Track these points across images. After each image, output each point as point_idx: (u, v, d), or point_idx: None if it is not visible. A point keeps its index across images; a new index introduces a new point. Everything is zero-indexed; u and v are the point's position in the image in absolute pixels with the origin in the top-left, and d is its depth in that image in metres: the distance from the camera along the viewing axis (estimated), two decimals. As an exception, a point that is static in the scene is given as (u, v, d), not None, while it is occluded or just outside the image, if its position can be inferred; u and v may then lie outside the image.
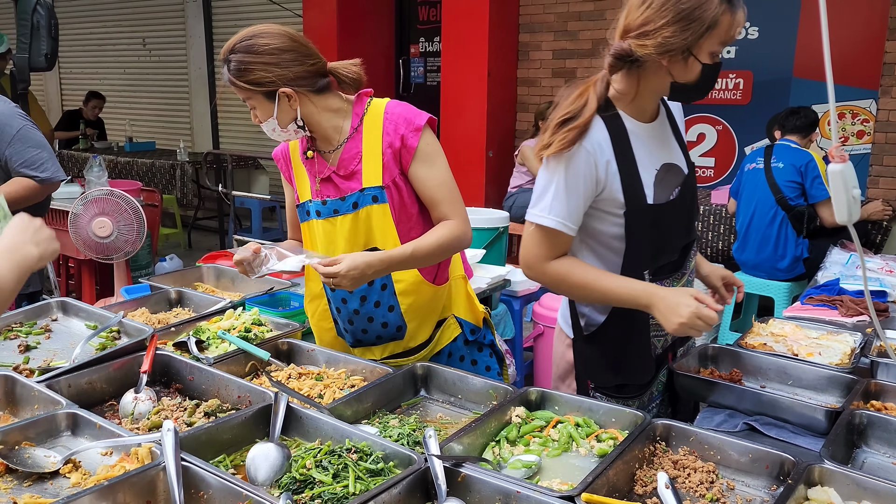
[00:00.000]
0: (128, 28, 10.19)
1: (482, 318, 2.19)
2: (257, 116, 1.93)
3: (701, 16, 1.63)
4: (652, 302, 1.70)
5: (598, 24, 6.39)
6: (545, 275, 1.83)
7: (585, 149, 1.74)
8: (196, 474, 1.34)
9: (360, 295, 1.99)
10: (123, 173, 7.81)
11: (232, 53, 1.85)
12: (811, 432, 1.71)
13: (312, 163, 2.02)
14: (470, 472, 1.39)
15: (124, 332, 2.04)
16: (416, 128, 1.92)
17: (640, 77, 1.74)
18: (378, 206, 1.93)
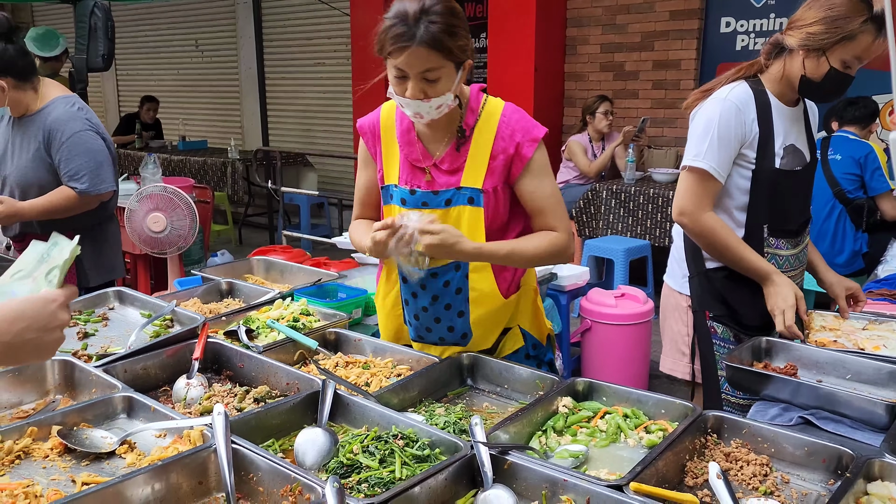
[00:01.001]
0: (181, 31, 10.43)
1: (546, 334, 2.11)
2: (426, 91, 1.71)
3: (843, 26, 1.94)
4: (769, 281, 2.07)
5: (648, 17, 6.30)
6: (698, 222, 2.11)
7: (736, 105, 2.07)
8: (246, 457, 1.36)
9: (433, 294, 1.92)
10: (176, 171, 8.00)
11: (430, 15, 1.65)
12: (870, 427, 1.66)
13: (412, 146, 1.90)
14: (516, 459, 1.39)
15: (177, 320, 2.09)
16: (533, 138, 1.85)
17: (785, 62, 2.08)
18: (472, 208, 1.85)
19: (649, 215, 5.42)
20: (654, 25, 6.28)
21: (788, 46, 2.05)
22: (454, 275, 1.90)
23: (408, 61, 1.67)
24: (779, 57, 2.11)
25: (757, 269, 2.10)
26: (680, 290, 2.33)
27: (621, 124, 6.08)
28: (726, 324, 2.24)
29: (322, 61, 8.86)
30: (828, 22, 1.97)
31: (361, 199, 2.09)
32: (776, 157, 2.11)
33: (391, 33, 1.67)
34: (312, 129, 9.12)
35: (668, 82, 6.31)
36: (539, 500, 1.34)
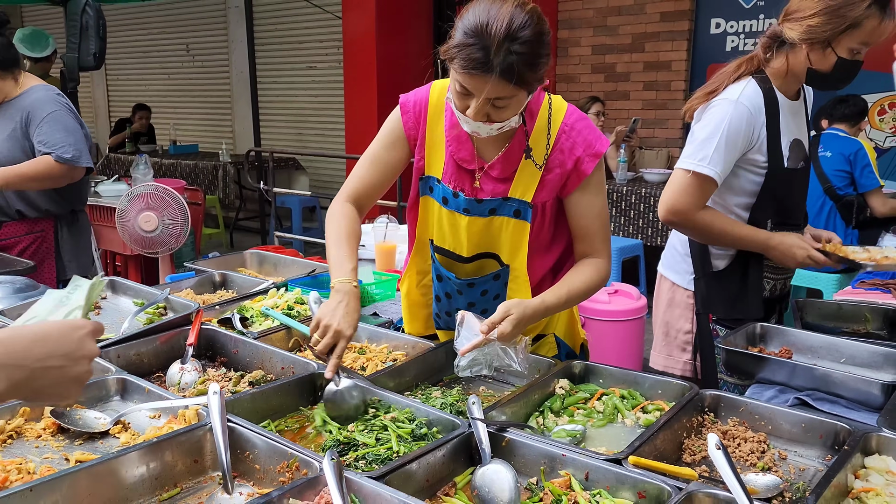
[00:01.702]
0: (172, 35, 10.41)
1: (580, 343, 2.03)
2: (491, 115, 1.55)
3: (846, 13, 1.85)
4: (771, 246, 2.07)
5: (638, 19, 6.34)
6: (693, 222, 2.09)
7: (749, 110, 2.02)
8: (242, 435, 1.35)
9: (469, 301, 1.84)
10: (168, 175, 7.98)
11: (515, 42, 1.44)
12: (866, 407, 1.66)
13: (461, 144, 1.74)
14: (514, 436, 1.38)
15: (170, 308, 2.08)
16: (595, 153, 1.71)
17: (788, 56, 2.01)
18: (517, 221, 1.74)
19: (641, 215, 5.44)
20: (644, 27, 6.32)
21: (790, 40, 1.97)
22: (493, 284, 1.84)
23: (477, 87, 1.50)
24: (779, 50, 2.03)
25: (755, 240, 2.10)
26: (686, 286, 2.29)
27: (613, 125, 6.10)
28: (729, 327, 2.19)
29: (314, 65, 8.86)
30: (829, 12, 1.88)
31: (364, 179, 1.85)
32: (784, 158, 2.08)
33: (465, 54, 1.46)
34: (304, 133, 9.11)
35: (659, 83, 6.35)
36: (537, 475, 1.33)
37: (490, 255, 1.81)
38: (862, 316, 2.24)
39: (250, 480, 1.32)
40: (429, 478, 1.30)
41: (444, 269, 1.86)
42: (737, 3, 5.95)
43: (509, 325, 1.54)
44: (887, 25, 1.88)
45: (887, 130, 5.46)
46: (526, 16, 1.46)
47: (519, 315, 1.56)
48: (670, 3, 6.16)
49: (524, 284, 1.81)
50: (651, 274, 5.53)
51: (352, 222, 1.81)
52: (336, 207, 1.85)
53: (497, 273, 1.81)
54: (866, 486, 1.28)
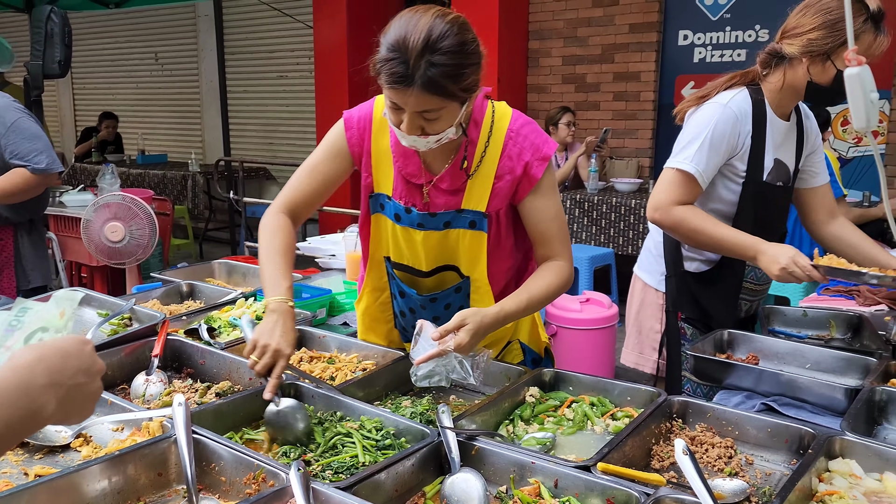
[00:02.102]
0: (140, 43, 10.31)
1: (544, 347, 2.03)
2: (425, 128, 1.53)
3: (844, 27, 1.83)
4: (758, 251, 1.99)
5: (608, 30, 6.41)
6: (669, 215, 2.09)
7: (735, 115, 2.05)
8: (207, 446, 1.33)
9: (433, 315, 1.81)
10: (136, 185, 7.88)
11: (435, 53, 1.43)
12: (830, 412, 1.68)
13: (408, 160, 1.72)
14: (483, 444, 1.38)
15: (136, 318, 2.04)
16: (543, 157, 1.70)
17: (786, 71, 2.05)
18: (473, 232, 1.72)
19: (612, 224, 5.49)
20: (614, 38, 6.39)
21: (789, 55, 2.02)
22: (455, 296, 1.83)
23: (403, 101, 1.49)
24: (778, 66, 2.08)
25: (741, 244, 2.04)
26: (657, 287, 2.34)
27: (583, 135, 6.16)
28: (697, 327, 2.26)
29: (285, 74, 8.83)
30: (828, 26, 1.94)
31: (301, 189, 1.80)
32: (764, 171, 2.11)
33: (387, 69, 1.46)
34: (275, 143, 9.06)
35: (628, 94, 6.42)
36: (507, 483, 1.33)
37: (449, 267, 1.80)
38: (826, 322, 2.27)
39: (216, 493, 1.30)
40: (397, 487, 1.29)
41: (405, 286, 1.84)
42: (704, 16, 6.05)
43: (466, 336, 1.53)
44: (881, 42, 1.95)
45: (850, 141, 5.59)
46: (446, 25, 1.45)
47: (476, 325, 1.55)
48: (639, 14, 6.24)
49: (486, 295, 1.80)
50: (622, 282, 5.58)
51: (286, 236, 1.75)
52: (270, 220, 1.78)
53: (458, 286, 1.80)
54: (830, 489, 1.30)
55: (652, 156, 6.45)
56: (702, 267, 2.25)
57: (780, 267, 1.94)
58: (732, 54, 5.95)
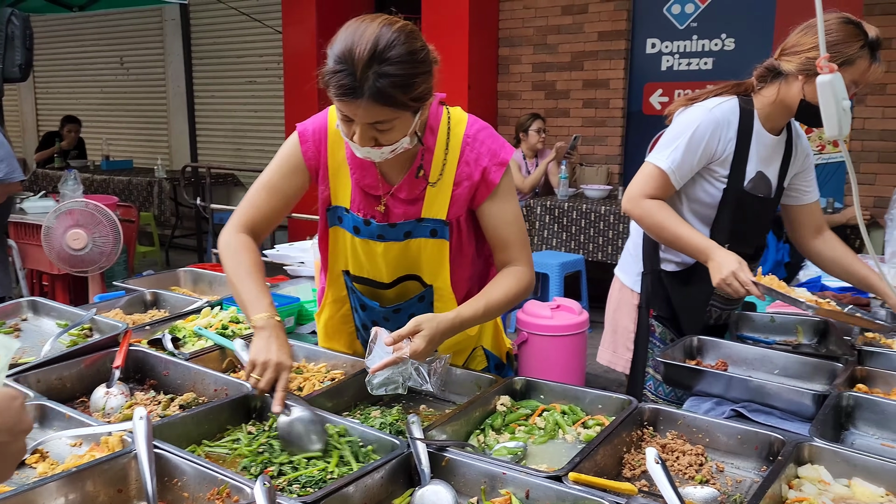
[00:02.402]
0: (105, 47, 10.14)
1: (506, 352, 2.03)
2: (378, 139, 1.51)
3: (843, 50, 1.94)
4: (709, 256, 2.03)
5: (577, 38, 6.46)
6: (638, 206, 2.13)
7: (717, 121, 2.09)
8: (169, 461, 1.29)
9: (397, 326, 1.75)
10: (100, 191, 7.72)
11: (383, 64, 1.40)
12: (799, 418, 1.69)
13: (365, 171, 1.69)
14: (454, 455, 1.35)
15: (97, 329, 1.98)
16: (500, 162, 1.69)
17: (780, 87, 2.07)
18: (435, 241, 1.70)
19: (582, 230, 5.51)
20: (583, 46, 6.44)
21: (786, 71, 2.05)
22: (418, 306, 1.80)
23: (353, 113, 1.46)
24: (773, 81, 2.10)
25: (696, 245, 2.08)
26: (632, 287, 2.38)
27: (554, 142, 6.19)
28: (667, 326, 2.29)
29: (253, 79, 8.74)
30: (828, 47, 1.92)
31: (259, 208, 1.74)
32: (745, 179, 2.15)
33: (335, 81, 1.42)
34: (243, 149, 8.97)
35: (597, 101, 6.47)
36: (478, 495, 1.31)
37: (411, 277, 1.78)
38: (794, 328, 2.30)
39: (178, 509, 1.26)
40: (366, 501, 1.27)
41: (367, 299, 1.82)
42: (671, 25, 6.13)
43: (422, 341, 1.51)
44: (875, 70, 2.00)
45: (814, 148, 5.68)
46: (394, 34, 1.42)
47: (431, 330, 1.53)
48: (607, 23, 6.30)
49: (450, 302, 1.78)
50: (593, 289, 5.61)
51: (254, 254, 1.71)
52: (230, 238, 1.73)
53: (421, 295, 1.78)
54: (799, 496, 1.30)
55: (621, 163, 6.50)
56: (677, 267, 2.28)
57: (721, 277, 1.98)
58: (699, 63, 6.03)
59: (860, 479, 1.34)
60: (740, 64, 5.71)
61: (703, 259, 2.07)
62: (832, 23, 1.99)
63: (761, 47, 5.61)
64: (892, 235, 3.21)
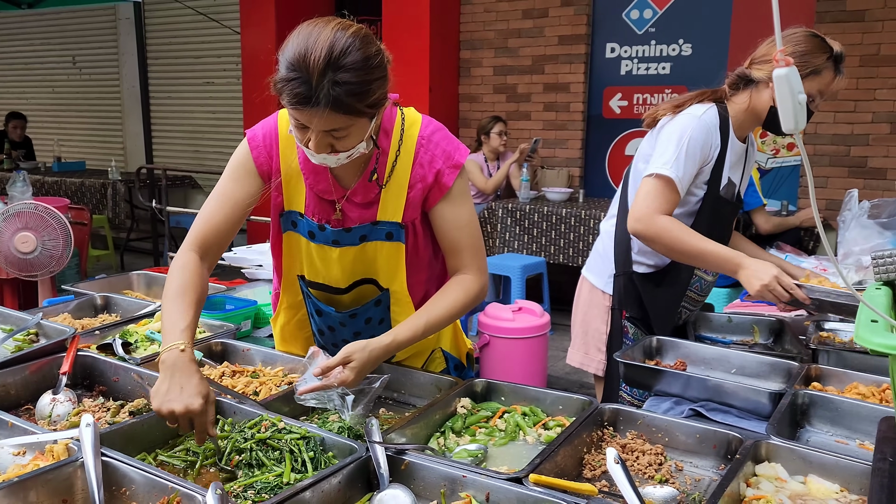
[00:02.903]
0: (57, 46, 9.89)
1: (466, 353, 2.01)
2: (334, 145, 1.47)
3: (810, 60, 2.03)
4: (739, 266, 2.02)
5: (538, 41, 6.49)
6: (652, 225, 2.08)
7: (707, 126, 2.12)
8: (118, 470, 1.24)
9: (354, 330, 1.77)
10: (51, 193, 7.51)
11: (338, 71, 1.37)
12: (756, 416, 1.71)
13: (318, 176, 1.65)
14: (413, 458, 1.33)
15: (43, 334, 1.92)
16: (454, 164, 1.66)
17: (752, 94, 2.14)
18: (391, 244, 1.68)
19: (544, 233, 5.53)
20: (544, 49, 6.48)
21: (757, 79, 2.12)
22: (375, 310, 1.78)
23: (309, 121, 1.42)
24: (745, 89, 2.17)
25: (724, 257, 2.06)
26: (604, 289, 2.39)
27: (515, 145, 6.21)
28: (639, 327, 2.31)
29: (211, 80, 8.61)
30: (796, 57, 2.03)
31: (211, 220, 1.65)
32: (721, 184, 2.20)
33: (289, 89, 1.38)
34: (201, 151, 8.82)
35: (558, 104, 6.51)
36: (438, 498, 1.29)
37: (368, 280, 1.75)
38: (750, 327, 2.33)
39: (126, 520, 1.22)
40: (323, 507, 1.24)
41: (323, 304, 1.79)
42: (630, 30, 6.20)
43: (350, 373, 1.49)
44: (839, 82, 2.09)
45: (769, 152, 5.80)
46: (349, 39, 1.39)
47: (361, 362, 1.51)
48: (567, 27, 6.35)
49: (407, 306, 1.76)
50: (554, 291, 5.64)
51: (191, 274, 1.59)
52: (175, 260, 1.64)
53: (378, 299, 1.76)
54: (757, 493, 1.31)
55: (582, 165, 6.55)
56: (649, 269, 2.31)
57: (763, 284, 1.96)
58: (658, 67, 6.11)
59: (816, 476, 1.36)
60: (697, 69, 5.88)
61: (733, 270, 2.03)
62: (799, 35, 2.06)
63: (717, 53, 5.71)
64: (845, 237, 3.28)
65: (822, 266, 3.28)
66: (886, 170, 5.32)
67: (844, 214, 3.35)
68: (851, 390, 1.76)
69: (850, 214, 3.33)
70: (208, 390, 1.38)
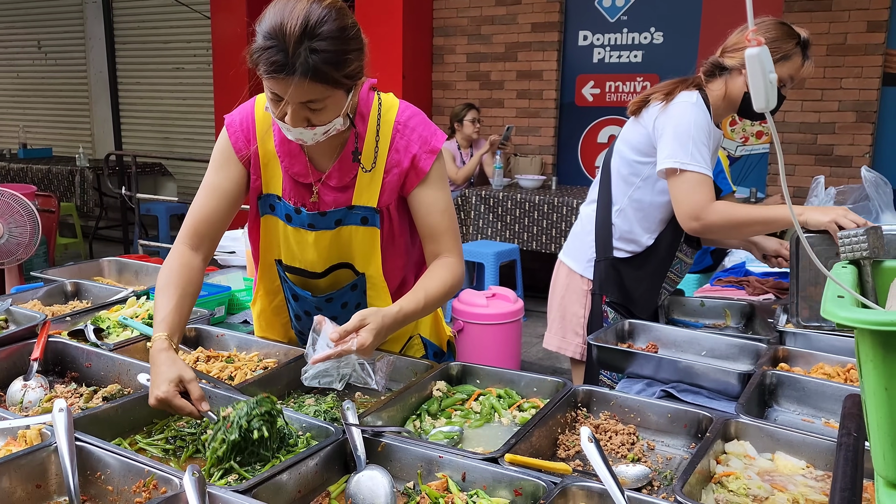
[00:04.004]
0: (21, 30, 9.65)
1: (447, 341, 2.00)
2: (310, 119, 1.47)
3: (780, 46, 2.10)
4: (805, 212, 2.01)
5: (511, 28, 6.50)
6: (709, 216, 2.09)
7: (705, 111, 2.17)
8: (92, 454, 1.24)
9: (331, 315, 1.71)
10: (17, 180, 7.36)
11: (314, 40, 1.37)
12: (726, 396, 1.75)
13: (294, 159, 1.66)
14: (390, 441, 1.34)
15: (12, 320, 1.89)
16: (431, 149, 1.66)
17: (727, 82, 2.21)
18: (366, 228, 1.68)
19: (517, 220, 5.56)
20: (517, 37, 6.48)
21: (730, 67, 2.19)
22: (351, 295, 1.78)
23: (284, 91, 1.42)
24: (720, 77, 2.22)
25: (785, 213, 2.05)
26: (582, 273, 2.43)
27: (488, 132, 6.22)
28: (619, 311, 2.34)
29: (181, 66, 8.48)
30: (766, 43, 2.06)
31: (201, 211, 1.68)
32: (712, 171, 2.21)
33: (265, 58, 1.39)
34: (171, 138, 8.69)
35: (531, 92, 6.53)
36: (414, 479, 1.30)
37: (344, 265, 1.75)
38: (722, 311, 2.37)
39: (102, 503, 1.21)
40: (301, 488, 1.24)
41: (299, 289, 1.79)
42: (602, 17, 6.22)
43: (368, 335, 1.42)
44: (807, 68, 2.16)
45: (738, 140, 5.88)
46: (324, 10, 1.40)
47: (377, 325, 1.45)
48: (540, 14, 6.35)
49: (382, 291, 1.76)
50: (527, 278, 5.68)
51: (178, 266, 1.63)
52: (168, 257, 1.67)
53: (354, 283, 1.76)
54: (727, 470, 1.34)
55: (555, 153, 6.58)
56: (629, 254, 2.34)
57: (832, 216, 1.94)
58: (630, 55, 6.15)
59: (783, 453, 1.40)
60: (668, 58, 5.93)
61: (799, 214, 2.02)
62: (769, 23, 2.13)
63: (688, 41, 5.77)
64: (811, 223, 3.36)
65: (789, 251, 3.34)
66: (852, 157, 5.43)
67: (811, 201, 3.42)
68: (818, 370, 1.80)
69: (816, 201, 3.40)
70: (177, 374, 1.38)
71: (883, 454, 0.72)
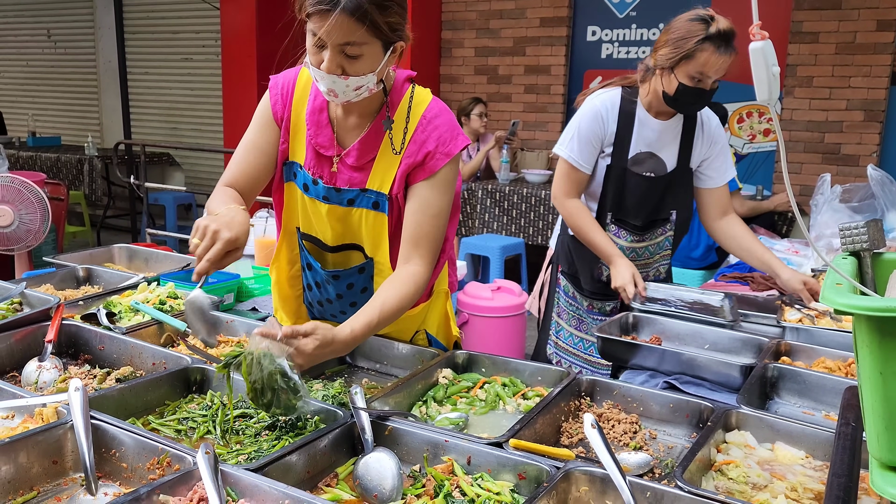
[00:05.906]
0: (31, 19, 9.68)
1: (454, 341, 1.98)
2: (345, 67, 1.49)
3: (682, 45, 2.19)
4: (612, 263, 2.37)
5: (519, 23, 6.50)
6: (562, 207, 2.46)
7: (598, 109, 2.37)
8: (107, 432, 1.27)
9: (337, 292, 1.80)
10: (26, 168, 7.40)
11: None
12: (728, 389, 1.77)
13: (320, 129, 1.70)
14: (396, 424, 1.37)
15: (27, 303, 1.92)
16: (447, 152, 1.66)
17: (652, 81, 2.33)
18: (375, 213, 1.70)
19: (523, 214, 5.58)
20: (525, 31, 6.49)
21: (651, 67, 2.33)
22: (359, 277, 1.80)
23: (326, 29, 1.44)
24: (649, 75, 2.36)
25: (603, 251, 2.40)
26: (552, 245, 2.74)
27: (495, 127, 6.23)
28: (569, 280, 2.62)
29: (190, 56, 8.50)
30: (671, 43, 2.21)
31: (240, 162, 1.75)
32: (627, 159, 2.39)
33: None
34: (179, 128, 8.72)
35: (539, 87, 6.54)
36: (420, 462, 1.33)
37: (355, 247, 1.78)
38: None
39: (116, 480, 1.24)
40: (310, 469, 1.27)
41: (312, 258, 1.82)
42: (611, 13, 6.23)
43: (312, 344, 1.36)
44: (726, 60, 2.17)
45: (745, 137, 5.89)
46: None
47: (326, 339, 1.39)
48: (549, 9, 6.36)
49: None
50: (532, 271, 5.69)
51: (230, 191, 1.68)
52: (215, 194, 1.70)
53: (362, 266, 1.78)
54: (727, 458, 1.37)
55: (561, 148, 6.58)
56: None
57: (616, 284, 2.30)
58: (638, 51, 6.15)
59: (783, 444, 1.42)
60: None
61: (607, 262, 2.40)
62: (679, 22, 2.22)
63: (697, 38, 5.76)
64: (817, 220, 3.37)
65: (794, 248, 3.37)
66: (859, 156, 5.43)
67: (817, 199, 3.44)
68: (819, 364, 1.82)
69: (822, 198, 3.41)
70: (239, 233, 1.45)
71: (877, 436, 0.74)
